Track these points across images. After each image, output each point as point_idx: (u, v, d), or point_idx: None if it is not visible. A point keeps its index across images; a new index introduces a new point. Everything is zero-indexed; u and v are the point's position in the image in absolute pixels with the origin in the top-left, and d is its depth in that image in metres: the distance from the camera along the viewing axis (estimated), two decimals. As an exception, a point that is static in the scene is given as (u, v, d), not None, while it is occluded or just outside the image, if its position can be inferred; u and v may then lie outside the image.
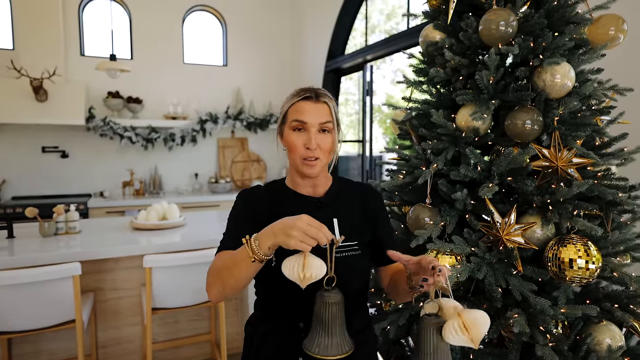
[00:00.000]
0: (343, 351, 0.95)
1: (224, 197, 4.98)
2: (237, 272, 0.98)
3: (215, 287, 1.03)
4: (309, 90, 1.13)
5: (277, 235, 0.93)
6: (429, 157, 1.49)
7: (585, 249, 1.22)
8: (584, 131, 1.36)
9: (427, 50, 1.62)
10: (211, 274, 1.05)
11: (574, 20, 1.38)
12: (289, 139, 1.12)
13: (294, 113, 1.12)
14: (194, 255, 2.39)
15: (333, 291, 0.97)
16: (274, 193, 1.21)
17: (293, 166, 1.17)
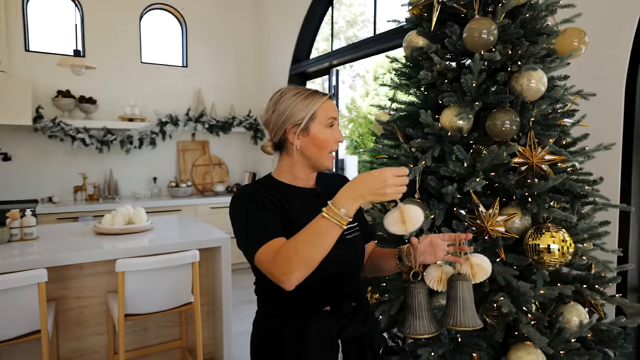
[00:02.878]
0: (431, 330, 1.16)
1: (185, 202, 4.89)
2: (326, 245, 1.00)
3: (298, 271, 1.00)
4: (323, 92, 1.24)
5: (365, 196, 1.00)
6: (416, 155, 1.58)
7: (561, 236, 1.36)
8: (555, 131, 1.51)
9: (411, 54, 1.72)
10: (285, 262, 1.00)
11: (545, 32, 1.54)
12: (323, 135, 1.19)
13: (327, 111, 1.20)
14: (171, 257, 2.36)
15: (419, 283, 1.17)
16: (271, 190, 1.22)
17: (310, 161, 1.22)
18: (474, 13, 1.55)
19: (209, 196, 5.18)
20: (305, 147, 1.20)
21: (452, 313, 1.14)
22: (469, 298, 1.14)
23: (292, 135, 1.20)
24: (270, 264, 1.03)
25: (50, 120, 4.49)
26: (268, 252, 1.05)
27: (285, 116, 1.19)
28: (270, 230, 1.10)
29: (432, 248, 1.17)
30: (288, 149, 1.23)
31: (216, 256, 2.97)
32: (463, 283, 1.14)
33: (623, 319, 1.53)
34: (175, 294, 2.45)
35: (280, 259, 1.01)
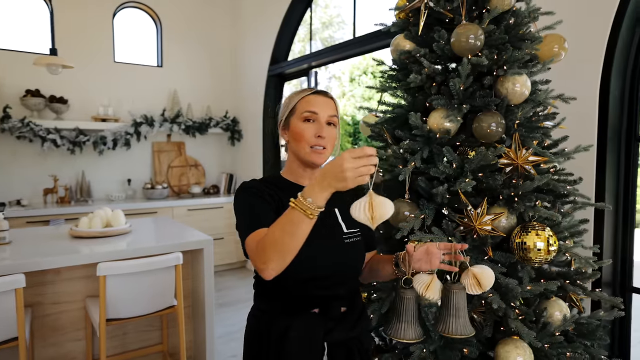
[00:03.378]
0: (416, 336, 1.19)
1: (161, 204, 4.81)
2: (299, 234, 0.98)
3: (273, 260, 1.00)
4: (318, 90, 1.26)
5: (330, 185, 0.96)
6: (405, 157, 1.62)
7: (546, 233, 1.42)
8: (537, 133, 1.57)
9: (399, 57, 1.76)
10: (262, 251, 1.01)
11: (527, 38, 1.60)
12: (298, 128, 1.20)
13: (306, 104, 1.21)
14: (154, 260, 2.32)
15: (409, 289, 1.21)
16: (272, 185, 1.24)
17: (298, 157, 1.24)
18: (460, 19, 1.60)
19: (186, 198, 5.11)
20: (290, 143, 1.24)
21: (445, 320, 1.18)
22: (463, 307, 1.18)
23: (281, 131, 1.27)
24: (252, 253, 1.07)
25: (19, 120, 4.33)
26: (253, 241, 1.07)
27: (280, 114, 1.27)
28: (262, 221, 1.11)
29: (427, 256, 1.19)
30: (286, 146, 1.28)
31: (198, 258, 2.94)
32: (458, 292, 1.18)
33: (601, 312, 1.61)
34: (158, 298, 2.41)
35: (259, 248, 1.03)
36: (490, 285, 1.19)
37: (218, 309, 4.05)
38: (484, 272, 1.19)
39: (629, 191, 2.06)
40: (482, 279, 1.18)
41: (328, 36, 8.40)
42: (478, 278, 1.18)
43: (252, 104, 5.23)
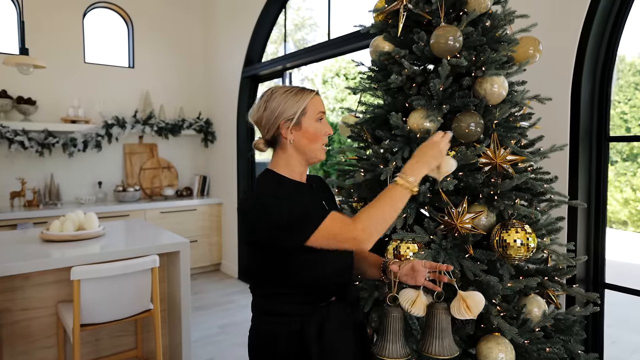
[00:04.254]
0: (401, 355, 1.21)
1: (133, 207, 4.69)
2: (398, 209, 1.18)
3: (379, 233, 1.15)
4: (310, 89, 1.30)
5: (429, 163, 1.22)
6: (386, 157, 1.63)
7: (525, 231, 1.45)
8: (515, 133, 1.61)
9: (379, 59, 1.77)
10: (368, 223, 1.13)
11: (504, 40, 1.63)
12: (314, 128, 1.26)
13: (317, 105, 1.27)
14: (130, 264, 2.26)
15: (396, 307, 1.23)
16: (287, 188, 1.27)
17: (305, 155, 1.28)
18: (439, 21, 1.62)
19: (158, 200, 5.01)
20: (298, 141, 1.26)
21: (430, 340, 1.20)
22: (447, 327, 1.20)
23: (285, 130, 1.26)
24: (346, 229, 1.14)
25: (-16, 121, 4.16)
26: (336, 221, 1.15)
27: (278, 112, 1.25)
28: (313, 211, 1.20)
29: (413, 272, 1.24)
30: (282, 145, 1.28)
31: (173, 261, 2.88)
32: (442, 312, 1.20)
33: (577, 308, 1.66)
34: (134, 302, 2.35)
35: (362, 223, 1.13)
36: (479, 310, 1.20)
37: (193, 312, 3.98)
38: (474, 298, 1.20)
39: (600, 190, 2.13)
40: (471, 304, 1.19)
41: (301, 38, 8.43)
42: (468, 304, 1.19)
43: (225, 105, 5.18)
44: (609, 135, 2.14)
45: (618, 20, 2.07)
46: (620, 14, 2.06)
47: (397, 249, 1.53)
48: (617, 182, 7.91)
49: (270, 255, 1.21)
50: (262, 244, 1.21)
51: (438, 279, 1.22)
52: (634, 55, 7.15)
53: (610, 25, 2.07)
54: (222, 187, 5.31)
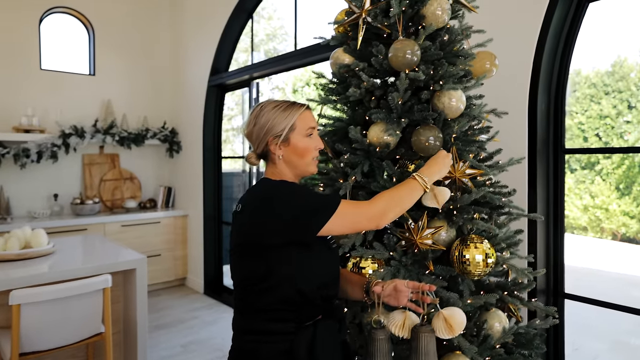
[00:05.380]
0: None
1: (91, 220, 4.50)
2: (413, 200, 1.31)
3: (395, 214, 1.27)
4: (301, 103, 1.33)
5: (441, 172, 1.40)
6: (346, 171, 1.59)
7: (484, 246, 1.44)
8: (473, 146, 1.60)
9: (338, 71, 1.74)
10: (387, 204, 1.25)
11: (461, 54, 1.63)
12: (304, 143, 1.29)
13: (306, 121, 1.30)
14: (79, 285, 2.13)
15: (381, 329, 1.23)
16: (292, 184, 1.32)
17: (295, 169, 1.32)
18: (397, 34, 1.61)
19: (119, 213, 4.83)
20: (288, 157, 1.29)
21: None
22: (432, 351, 1.19)
23: (273, 146, 1.28)
24: (363, 207, 1.24)
25: None
26: (350, 202, 1.24)
27: (267, 128, 1.27)
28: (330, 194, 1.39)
29: (396, 293, 1.24)
30: (272, 159, 1.31)
31: (130, 279, 2.75)
32: (427, 335, 1.18)
33: (537, 321, 1.66)
34: (83, 325, 2.21)
35: (381, 202, 1.24)
36: (461, 328, 1.20)
37: (154, 331, 3.83)
38: (454, 315, 1.19)
39: (558, 201, 2.16)
40: (453, 323, 1.18)
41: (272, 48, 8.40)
42: (449, 321, 1.18)
43: (192, 114, 5.06)
44: (564, 147, 2.18)
45: (570, 36, 2.12)
46: (572, 29, 2.11)
47: (356, 266, 1.49)
48: (577, 190, 8.19)
49: (263, 259, 1.20)
50: (266, 243, 1.19)
51: (421, 299, 1.23)
52: (589, 69, 7.46)
53: (563, 40, 2.12)
54: (187, 198, 5.17)
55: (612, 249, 7.27)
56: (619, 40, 6.70)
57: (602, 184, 7.52)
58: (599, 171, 7.67)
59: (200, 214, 4.92)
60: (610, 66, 6.88)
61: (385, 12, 1.65)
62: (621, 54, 6.88)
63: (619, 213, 7.26)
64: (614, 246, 7.36)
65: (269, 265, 1.19)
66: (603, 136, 7.10)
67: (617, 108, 6.92)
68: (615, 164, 7.29)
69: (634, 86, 6.80)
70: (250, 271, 1.22)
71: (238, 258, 1.26)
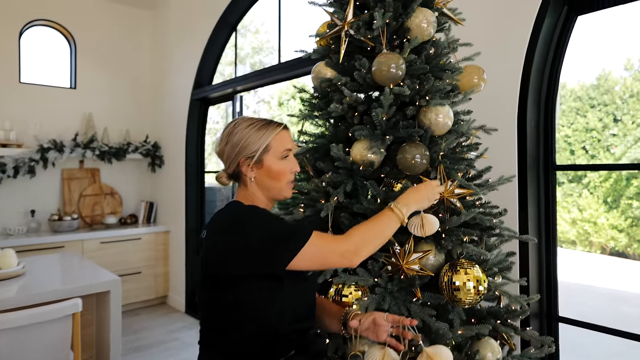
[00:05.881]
0: None
1: (69, 237, 4.34)
2: (388, 234, 1.23)
3: (368, 251, 1.19)
4: (278, 122, 1.25)
5: (422, 203, 1.30)
6: (327, 190, 1.50)
7: (475, 272, 1.34)
8: (462, 164, 1.52)
9: (320, 85, 1.65)
10: (360, 240, 1.17)
11: (448, 68, 1.56)
12: (278, 167, 1.21)
13: (282, 143, 1.22)
14: (45, 310, 1.99)
15: None
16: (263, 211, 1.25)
17: (268, 192, 1.24)
18: (381, 47, 1.53)
19: (99, 229, 4.67)
20: (261, 179, 1.21)
21: None
22: None
23: (245, 167, 1.20)
24: (335, 243, 1.15)
25: None
26: (323, 236, 1.16)
27: (239, 148, 1.19)
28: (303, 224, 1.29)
29: (374, 327, 1.15)
30: (244, 181, 1.23)
31: (104, 301, 2.62)
32: None
33: (532, 350, 1.56)
34: (49, 353, 2.07)
35: (355, 238, 1.16)
36: None
37: (131, 354, 3.66)
38: (440, 354, 1.10)
39: (549, 219, 2.09)
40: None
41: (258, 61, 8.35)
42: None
43: (174, 128, 4.95)
44: (555, 163, 2.11)
45: (558, 50, 2.06)
46: (560, 43, 2.05)
47: (338, 294, 1.38)
48: (564, 203, 8.19)
49: (230, 291, 1.10)
50: (234, 273, 1.09)
51: (402, 334, 1.14)
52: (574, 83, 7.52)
53: (552, 54, 2.07)
54: (169, 213, 5.03)
55: (601, 263, 7.25)
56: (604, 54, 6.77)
57: (590, 197, 7.53)
58: (587, 184, 7.68)
59: (182, 230, 4.78)
60: (595, 79, 6.94)
61: (369, 24, 1.58)
62: (606, 67, 6.94)
63: (607, 227, 7.26)
64: (603, 260, 7.34)
65: (237, 297, 1.09)
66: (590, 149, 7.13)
67: (603, 121, 6.97)
68: (603, 177, 7.31)
69: (619, 99, 6.86)
70: (216, 304, 1.12)
71: (204, 289, 1.15)
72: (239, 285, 1.10)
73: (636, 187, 7.00)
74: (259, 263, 1.08)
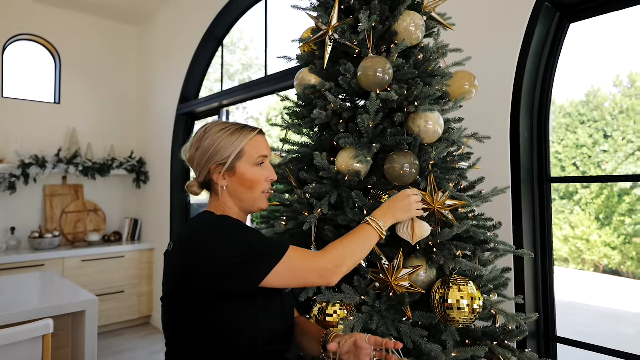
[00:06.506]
0: None
1: (50, 255, 4.18)
2: (368, 249, 1.16)
3: (348, 267, 1.12)
4: (252, 127, 1.17)
5: (397, 214, 1.21)
6: (311, 202, 1.40)
7: (469, 289, 1.25)
8: (453, 174, 1.44)
9: (304, 92, 1.58)
10: (340, 256, 1.09)
11: (438, 74, 1.49)
12: (253, 174, 1.13)
13: (256, 148, 1.14)
14: (12, 332, 1.85)
15: None
16: (236, 222, 1.16)
17: (242, 202, 1.15)
18: (367, 51, 1.46)
19: (81, 247, 4.52)
20: (233, 188, 1.12)
21: None
22: None
23: (217, 175, 1.11)
24: (314, 259, 1.07)
25: None
26: (300, 252, 1.07)
27: (210, 154, 1.11)
28: (278, 240, 1.21)
29: (356, 350, 1.02)
30: (215, 190, 1.14)
31: (79, 322, 2.48)
32: None
33: (530, 373, 1.46)
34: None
35: (332, 255, 1.09)
36: None
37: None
38: None
39: (545, 233, 2.00)
40: None
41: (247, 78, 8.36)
42: None
43: (160, 143, 4.84)
44: (550, 175, 2.03)
45: (551, 58, 2.01)
46: (553, 51, 2.00)
47: (322, 313, 1.28)
48: (556, 220, 8.14)
49: (195, 309, 0.99)
50: (201, 290, 0.99)
51: (385, 359, 1.01)
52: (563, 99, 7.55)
53: (544, 61, 2.01)
54: (154, 230, 4.89)
55: (594, 281, 7.17)
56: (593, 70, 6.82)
57: (582, 214, 7.49)
58: (578, 201, 7.65)
59: (166, 247, 4.62)
60: (585, 96, 6.98)
61: (354, 28, 1.51)
62: (595, 83, 6.98)
63: (600, 244, 7.20)
64: (597, 278, 7.26)
65: (204, 317, 0.99)
66: (580, 165, 7.12)
67: (594, 137, 6.97)
68: (594, 194, 7.28)
69: (609, 116, 6.88)
70: (182, 324, 1.01)
71: (167, 306, 1.04)
72: (208, 304, 0.99)
73: (628, 203, 6.97)
74: (229, 280, 0.98)
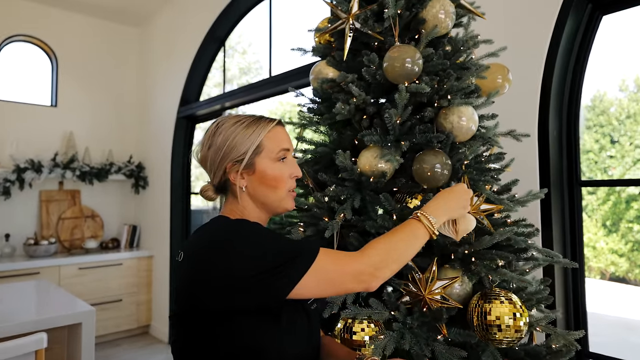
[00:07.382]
0: None
1: (45, 263, 4.02)
2: (416, 248, 1.00)
3: (392, 270, 0.95)
4: (270, 118, 1.02)
5: (454, 210, 1.05)
6: (332, 206, 1.27)
7: (513, 304, 1.11)
8: (487, 176, 1.31)
9: (321, 86, 1.45)
10: (382, 257, 0.93)
11: (469, 66, 1.36)
12: (274, 171, 0.98)
13: (276, 141, 0.99)
14: (4, 347, 1.72)
15: None
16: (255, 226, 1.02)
17: (270, 205, 1.01)
18: (393, 40, 1.33)
19: (78, 254, 4.36)
20: (254, 189, 0.98)
21: None
22: None
23: (233, 174, 0.98)
24: (350, 262, 0.91)
25: None
26: (332, 255, 0.92)
27: (224, 151, 0.97)
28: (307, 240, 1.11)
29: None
30: (233, 192, 1.00)
31: (75, 334, 2.33)
32: None
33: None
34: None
35: (372, 256, 0.93)
36: None
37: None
38: None
39: (576, 240, 1.86)
40: None
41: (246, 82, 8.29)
42: None
43: (159, 147, 4.71)
44: (580, 178, 1.90)
45: (582, 52, 1.88)
46: (584, 45, 1.87)
47: (348, 331, 1.14)
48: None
49: (208, 331, 0.86)
50: (214, 307, 0.85)
51: None
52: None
53: (574, 57, 1.88)
54: (153, 237, 4.74)
55: (602, 289, 7.03)
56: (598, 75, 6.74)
57: (588, 220, 7.37)
58: (584, 207, 7.53)
59: (166, 255, 4.48)
60: (590, 101, 6.87)
61: (378, 15, 1.38)
62: (600, 88, 6.88)
63: (606, 251, 7.06)
64: (604, 286, 7.12)
65: (219, 338, 0.85)
66: (587, 171, 7.01)
67: (600, 142, 6.86)
68: (601, 200, 7.16)
69: (615, 120, 6.78)
70: (193, 345, 0.87)
71: (176, 327, 0.91)
72: (222, 324, 0.85)
73: (636, 210, 6.85)
74: (248, 294, 0.84)
